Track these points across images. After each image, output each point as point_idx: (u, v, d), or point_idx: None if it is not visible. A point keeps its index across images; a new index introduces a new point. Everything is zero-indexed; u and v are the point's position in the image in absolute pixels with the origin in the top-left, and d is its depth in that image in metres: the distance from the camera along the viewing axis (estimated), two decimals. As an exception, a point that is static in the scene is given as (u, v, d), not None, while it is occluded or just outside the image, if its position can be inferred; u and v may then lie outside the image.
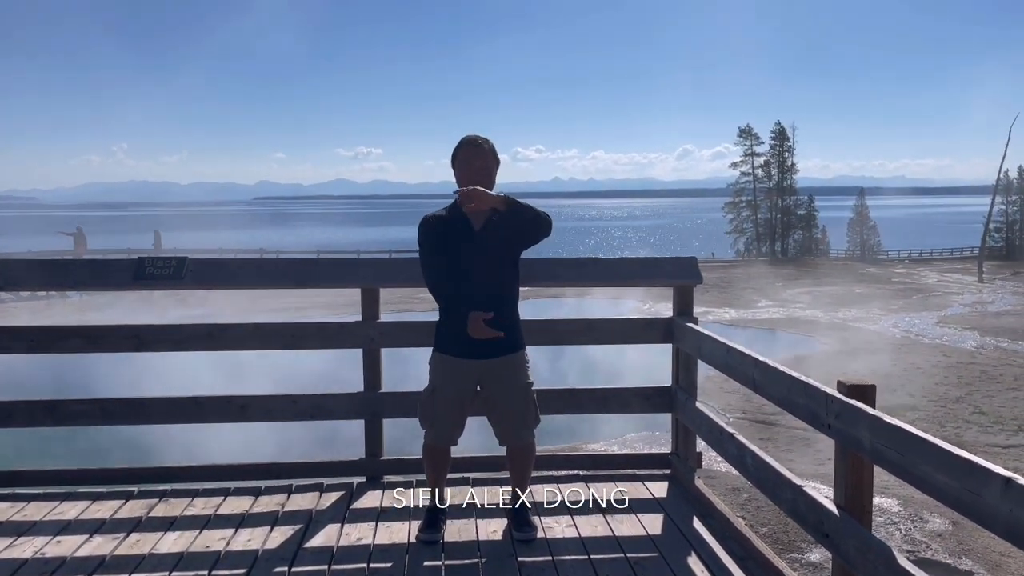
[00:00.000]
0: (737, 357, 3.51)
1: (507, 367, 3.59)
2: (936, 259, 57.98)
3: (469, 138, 3.62)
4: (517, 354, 3.62)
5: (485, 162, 3.57)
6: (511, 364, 3.60)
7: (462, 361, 3.57)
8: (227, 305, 24.75)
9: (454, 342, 3.58)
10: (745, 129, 66.58)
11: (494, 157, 3.61)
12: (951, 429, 12.72)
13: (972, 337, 22.21)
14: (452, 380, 3.61)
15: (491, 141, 3.63)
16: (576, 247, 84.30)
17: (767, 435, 12.13)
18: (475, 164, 3.56)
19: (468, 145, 3.59)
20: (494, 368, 3.57)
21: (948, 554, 7.21)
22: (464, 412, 3.68)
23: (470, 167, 3.56)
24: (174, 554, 3.49)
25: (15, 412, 4.33)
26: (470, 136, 3.63)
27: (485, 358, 3.55)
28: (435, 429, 3.67)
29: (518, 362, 3.62)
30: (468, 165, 3.57)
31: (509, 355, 3.59)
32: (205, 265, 4.40)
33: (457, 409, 3.64)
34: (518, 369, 3.62)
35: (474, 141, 3.60)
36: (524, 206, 3.48)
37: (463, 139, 3.63)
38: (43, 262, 4.78)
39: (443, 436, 3.68)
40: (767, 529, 7.44)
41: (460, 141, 3.63)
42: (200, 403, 4.41)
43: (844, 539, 2.65)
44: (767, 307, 28.85)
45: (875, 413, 2.45)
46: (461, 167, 3.59)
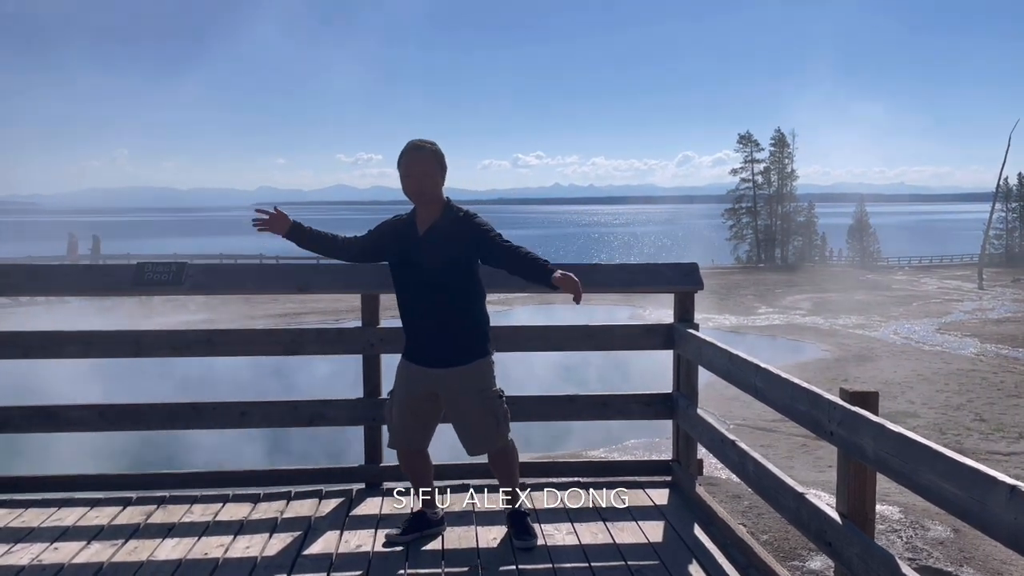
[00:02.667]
0: (739, 364, 3.50)
1: (463, 378, 3.49)
2: (936, 266, 57.95)
3: (412, 143, 3.50)
4: (472, 364, 3.49)
5: (425, 167, 3.46)
6: (467, 375, 3.49)
7: (419, 368, 3.53)
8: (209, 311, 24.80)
9: (411, 350, 3.57)
10: (745, 136, 66.67)
11: (438, 162, 3.49)
12: (951, 436, 12.69)
13: (972, 344, 22.17)
14: (407, 386, 3.59)
15: (437, 145, 3.52)
16: (576, 253, 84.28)
17: (767, 442, 12.10)
18: (414, 170, 3.46)
19: (410, 150, 3.47)
20: (450, 379, 3.49)
21: (950, 562, 7.18)
22: (422, 418, 3.62)
23: (409, 173, 3.47)
24: (172, 561, 3.47)
25: (12, 418, 4.31)
26: (414, 141, 3.51)
27: (440, 367, 3.48)
28: (392, 433, 3.70)
29: (474, 372, 3.50)
30: (407, 170, 3.47)
31: (463, 366, 3.48)
32: (205, 271, 4.39)
33: (412, 414, 3.60)
34: (475, 379, 3.50)
35: (417, 146, 3.48)
36: (466, 218, 3.47)
37: (407, 144, 3.52)
38: (42, 267, 4.77)
39: (401, 439, 3.67)
40: (768, 536, 7.41)
41: (404, 146, 3.52)
42: (199, 409, 4.40)
43: (847, 547, 2.63)
44: (767, 314, 28.82)
45: (878, 420, 2.44)
46: (402, 172, 3.50)
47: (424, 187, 3.47)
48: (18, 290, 4.63)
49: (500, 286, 3.98)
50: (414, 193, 3.49)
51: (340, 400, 4.46)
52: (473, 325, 3.53)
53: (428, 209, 3.52)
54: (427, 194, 3.48)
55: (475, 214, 3.51)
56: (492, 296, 3.87)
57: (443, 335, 3.46)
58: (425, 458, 3.75)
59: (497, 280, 3.83)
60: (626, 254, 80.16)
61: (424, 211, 3.53)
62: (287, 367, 15.05)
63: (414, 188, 3.47)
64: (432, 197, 3.50)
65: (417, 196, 3.49)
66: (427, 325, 3.49)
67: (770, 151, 66.18)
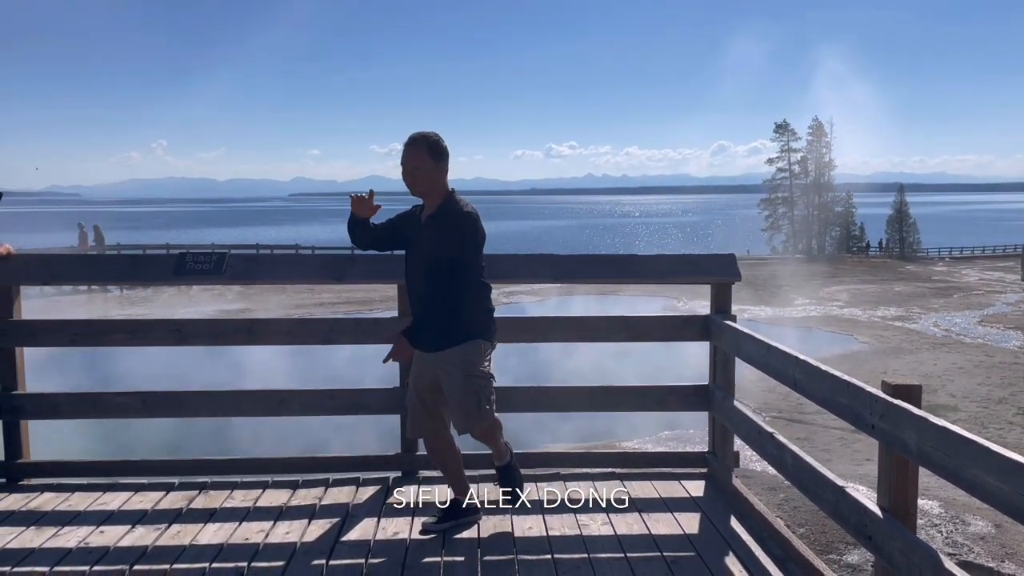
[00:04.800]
0: (778, 356, 3.46)
1: (449, 360, 3.54)
2: (977, 257, 56.74)
3: (409, 136, 3.57)
4: (459, 347, 3.53)
5: (416, 161, 3.52)
6: (453, 357, 3.54)
7: (421, 354, 3.61)
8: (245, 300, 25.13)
9: (414, 335, 3.58)
10: (782, 124, 65.74)
11: (431, 153, 3.52)
12: (993, 430, 12.46)
13: (1016, 337, 21.71)
14: (415, 373, 3.70)
15: (436, 136, 3.56)
16: (611, 244, 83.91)
17: (804, 435, 11.98)
18: (406, 164, 3.55)
19: (405, 145, 3.56)
20: (439, 361, 3.57)
21: (991, 557, 7.07)
22: (429, 404, 3.68)
23: (402, 166, 3.57)
24: (214, 545, 3.53)
25: (60, 404, 4.42)
26: (412, 134, 3.57)
27: (435, 350, 3.55)
28: (408, 422, 3.81)
29: (459, 354, 3.54)
30: (402, 164, 3.57)
31: (450, 348, 3.53)
32: (245, 260, 4.45)
33: (421, 401, 3.68)
34: (460, 360, 3.54)
35: (411, 139, 3.55)
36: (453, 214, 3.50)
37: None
38: (86, 256, 4.87)
39: (415, 428, 3.76)
40: (804, 530, 7.35)
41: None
42: (239, 397, 4.47)
43: (888, 541, 2.60)
44: (804, 305, 28.47)
45: (921, 414, 2.40)
46: (401, 165, 3.59)
47: (416, 179, 3.53)
48: (68, 279, 4.73)
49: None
50: (407, 185, 3.56)
51: (377, 389, 4.50)
52: (466, 313, 3.53)
53: (429, 200, 3.60)
54: (419, 186, 3.55)
55: (466, 216, 3.51)
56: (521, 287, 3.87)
57: (432, 320, 3.49)
58: (448, 446, 3.78)
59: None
60: (661, 245, 79.59)
61: (426, 202, 3.62)
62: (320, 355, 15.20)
63: (406, 181, 3.56)
64: (425, 189, 3.56)
65: (410, 188, 3.57)
66: (419, 311, 3.56)
67: (807, 140, 65.25)
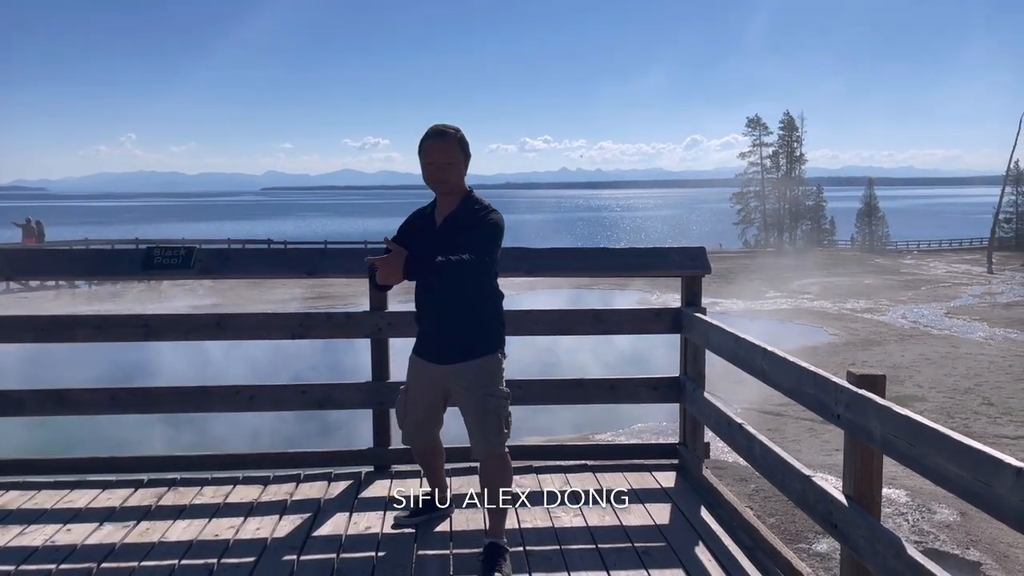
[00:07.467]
0: (745, 347, 3.50)
1: (468, 376, 3.30)
2: (945, 250, 57.66)
3: (435, 128, 3.28)
4: (478, 361, 3.30)
5: (448, 156, 3.24)
6: (473, 372, 3.30)
7: (429, 365, 3.40)
8: (217, 296, 24.90)
9: (421, 345, 3.47)
10: (754, 119, 66.35)
11: (462, 150, 3.28)
12: (959, 420, 12.68)
13: (981, 328, 22.09)
14: (418, 382, 3.47)
15: (461, 131, 3.29)
16: (585, 238, 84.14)
17: (774, 426, 12.11)
18: (437, 158, 3.25)
19: (432, 136, 3.26)
20: (457, 374, 3.32)
21: (956, 545, 7.20)
22: (432, 414, 3.54)
23: (431, 160, 3.26)
24: (183, 542, 3.51)
25: (25, 401, 4.35)
26: (437, 126, 3.29)
27: (448, 363, 3.33)
28: (404, 429, 3.60)
29: (480, 370, 3.30)
30: (430, 158, 3.26)
31: (471, 360, 3.30)
32: (214, 255, 4.41)
33: (423, 410, 3.51)
34: (480, 378, 3.29)
35: (440, 131, 3.26)
36: (481, 211, 3.26)
37: (429, 129, 3.30)
38: (52, 251, 4.80)
39: (412, 436, 3.60)
40: (774, 519, 7.44)
41: (427, 131, 3.30)
42: (209, 392, 4.43)
43: (853, 529, 2.65)
44: (775, 298, 28.75)
45: (885, 403, 2.44)
46: (424, 160, 3.28)
47: (447, 176, 3.26)
48: (30, 274, 4.66)
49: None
50: (436, 182, 3.28)
51: (349, 384, 4.48)
52: (484, 323, 3.35)
53: (447, 199, 3.33)
54: (449, 183, 3.28)
55: (493, 209, 3.29)
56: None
57: (452, 332, 3.32)
58: (437, 448, 3.73)
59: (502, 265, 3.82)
60: (634, 238, 79.98)
61: (444, 201, 3.34)
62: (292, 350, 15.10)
63: (436, 177, 3.27)
64: (454, 187, 3.30)
65: (439, 185, 3.29)
66: (437, 320, 3.37)
67: (779, 135, 65.88)
